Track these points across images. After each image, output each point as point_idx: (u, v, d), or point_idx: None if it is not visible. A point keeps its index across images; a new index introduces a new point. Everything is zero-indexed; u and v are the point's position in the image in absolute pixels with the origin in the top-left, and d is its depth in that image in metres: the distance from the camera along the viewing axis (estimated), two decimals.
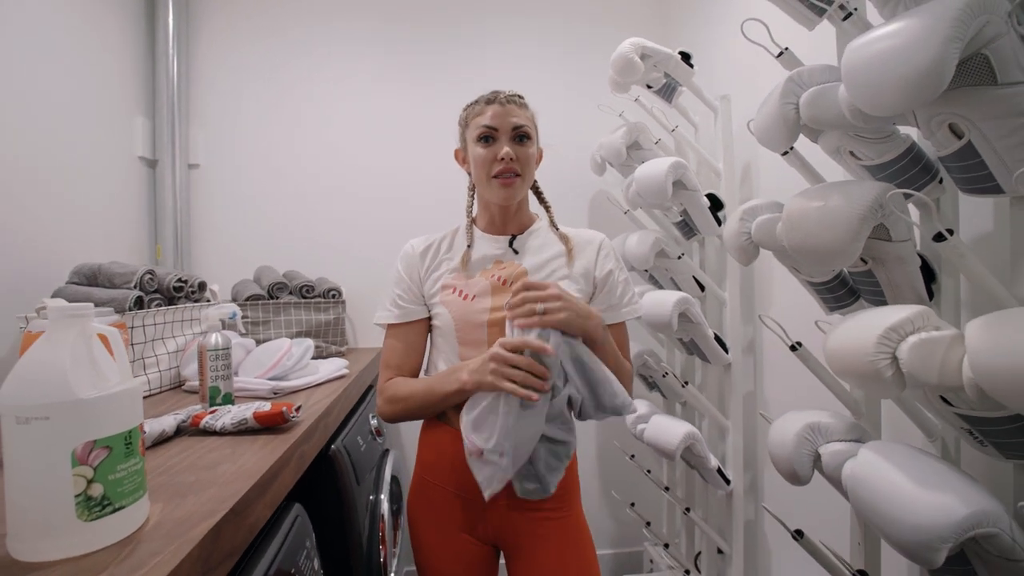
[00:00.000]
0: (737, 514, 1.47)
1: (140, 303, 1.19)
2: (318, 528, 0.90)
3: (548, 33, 2.06)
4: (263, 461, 0.75)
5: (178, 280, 1.31)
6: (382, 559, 1.17)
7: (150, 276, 1.25)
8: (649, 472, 1.70)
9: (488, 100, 0.96)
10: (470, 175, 1.01)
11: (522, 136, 0.95)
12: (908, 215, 0.74)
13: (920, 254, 0.79)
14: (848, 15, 0.82)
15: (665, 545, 1.75)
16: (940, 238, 0.67)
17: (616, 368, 0.90)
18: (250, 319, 1.59)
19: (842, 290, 0.91)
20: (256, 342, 1.42)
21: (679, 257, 1.51)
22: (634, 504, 1.84)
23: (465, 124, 1.00)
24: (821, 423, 0.85)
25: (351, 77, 1.97)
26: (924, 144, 0.80)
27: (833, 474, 0.82)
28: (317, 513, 0.92)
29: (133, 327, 1.16)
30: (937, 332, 0.64)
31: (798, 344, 0.96)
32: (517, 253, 0.99)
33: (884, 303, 0.82)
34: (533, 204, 1.08)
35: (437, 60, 2.00)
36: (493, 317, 0.92)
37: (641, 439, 1.55)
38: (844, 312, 0.93)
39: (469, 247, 1.00)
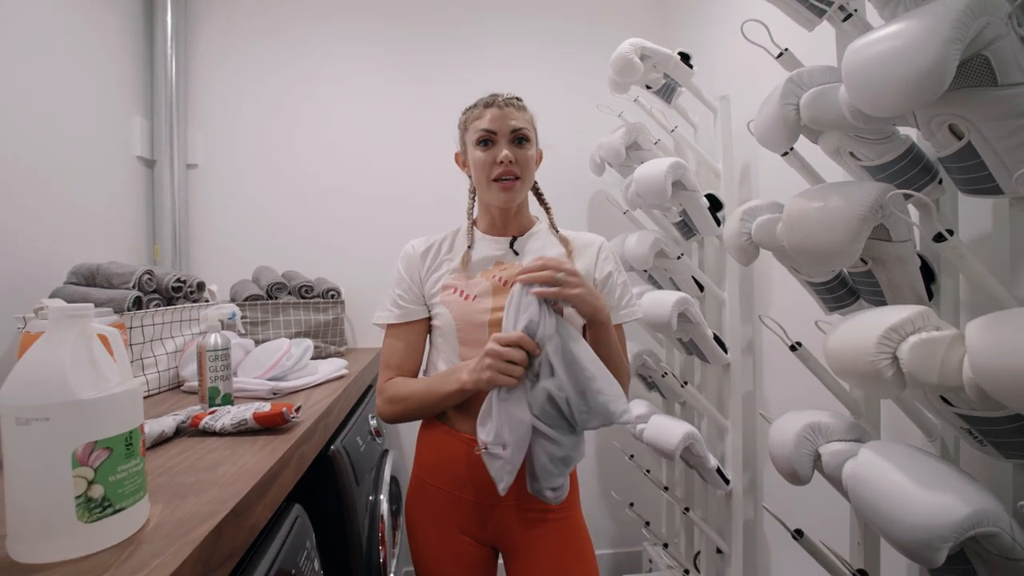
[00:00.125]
0: (736, 514, 1.47)
1: (139, 303, 1.19)
2: (318, 529, 0.90)
3: (548, 33, 2.06)
4: (263, 462, 0.75)
5: (177, 280, 1.31)
6: (382, 559, 1.17)
7: (149, 276, 1.25)
8: (648, 472, 1.70)
9: (486, 103, 0.96)
10: (470, 178, 1.02)
11: (521, 139, 0.95)
12: (908, 216, 0.74)
13: (920, 254, 0.79)
14: (848, 16, 0.82)
15: (664, 545, 1.75)
16: (940, 238, 0.68)
17: (617, 363, 0.90)
18: (249, 319, 1.59)
19: (842, 290, 0.91)
20: (255, 342, 1.42)
21: (678, 257, 1.51)
22: (633, 504, 1.84)
23: (464, 128, 1.00)
24: (821, 423, 0.85)
25: (351, 77, 1.97)
26: (924, 145, 0.81)
27: (833, 474, 0.82)
28: (317, 513, 0.92)
29: (132, 327, 1.16)
30: (937, 332, 0.64)
31: (798, 344, 0.96)
32: (517, 254, 1.00)
33: (884, 303, 0.82)
34: (533, 206, 1.08)
35: (437, 60, 2.00)
36: (494, 317, 0.92)
37: (640, 439, 1.55)
38: (844, 312, 0.93)
39: (470, 248, 1.00)
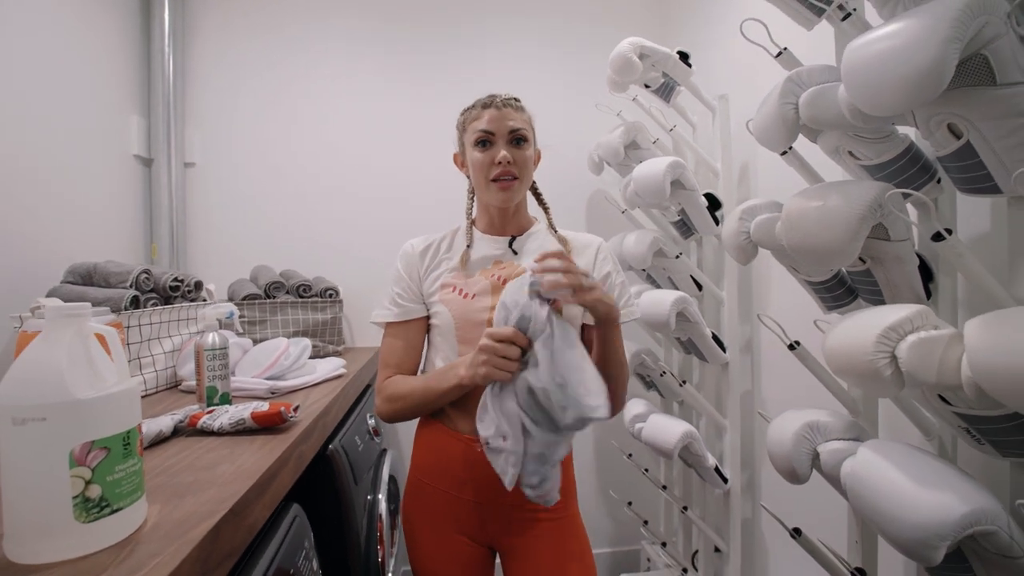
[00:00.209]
0: (734, 512, 1.48)
1: (136, 303, 1.18)
2: (316, 528, 0.90)
3: (548, 33, 2.05)
4: (262, 461, 0.74)
5: (174, 279, 1.31)
6: (380, 559, 1.17)
7: (146, 275, 1.24)
8: (647, 471, 1.70)
9: (485, 104, 0.96)
10: (469, 179, 1.01)
11: (519, 139, 0.95)
12: (907, 215, 0.74)
13: (918, 254, 0.80)
14: (847, 15, 0.82)
15: (662, 544, 1.76)
16: (938, 238, 0.68)
17: (621, 362, 0.91)
18: (247, 318, 1.58)
19: (840, 289, 0.91)
20: (253, 341, 1.41)
21: (677, 256, 1.51)
22: (631, 503, 1.84)
23: (463, 129, 1.00)
24: (820, 422, 0.85)
25: (350, 76, 1.96)
26: (923, 144, 0.81)
27: (832, 472, 0.82)
28: (315, 513, 0.91)
29: (129, 327, 1.15)
30: (936, 331, 0.64)
31: (796, 343, 0.96)
32: (516, 254, 1.00)
33: (882, 302, 0.82)
34: (532, 206, 1.08)
35: (437, 60, 2.00)
36: (493, 316, 0.92)
37: (639, 438, 1.55)
38: (842, 311, 0.94)
39: (468, 247, 1.00)
